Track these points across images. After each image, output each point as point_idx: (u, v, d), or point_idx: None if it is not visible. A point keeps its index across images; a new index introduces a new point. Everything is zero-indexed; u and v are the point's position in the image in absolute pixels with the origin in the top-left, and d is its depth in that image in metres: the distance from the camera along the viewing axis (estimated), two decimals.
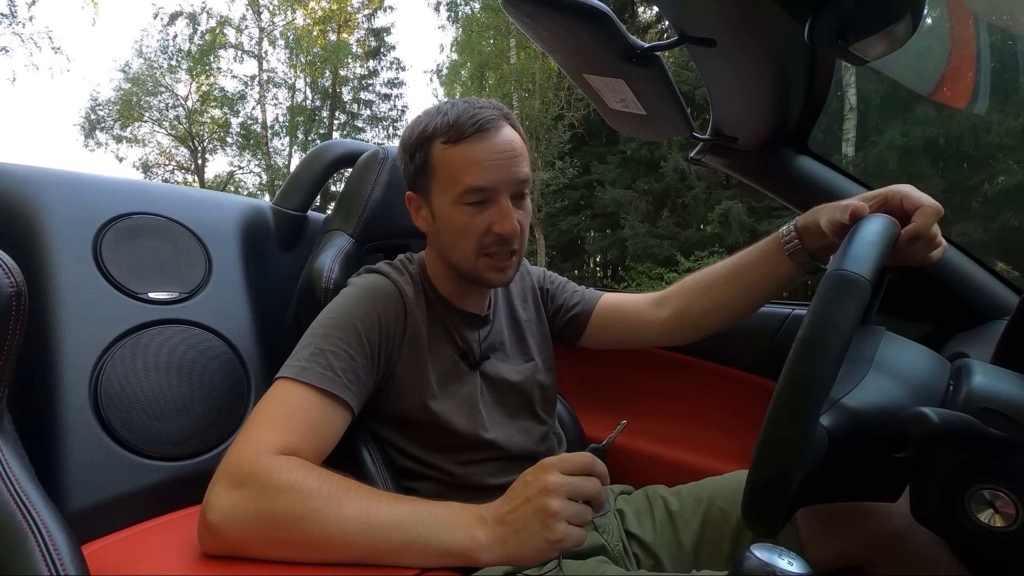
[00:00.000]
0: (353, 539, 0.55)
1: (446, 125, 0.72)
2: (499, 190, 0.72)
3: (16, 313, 0.56)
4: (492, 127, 0.71)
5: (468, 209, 0.73)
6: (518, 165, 0.73)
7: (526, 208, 0.77)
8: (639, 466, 1.21)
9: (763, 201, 11.05)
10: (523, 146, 0.75)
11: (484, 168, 0.71)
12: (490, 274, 0.76)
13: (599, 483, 0.57)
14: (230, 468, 0.58)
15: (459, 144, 0.71)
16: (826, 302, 0.46)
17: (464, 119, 0.71)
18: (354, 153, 1.12)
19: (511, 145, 0.73)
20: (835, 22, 0.50)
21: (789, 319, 1.13)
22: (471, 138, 0.71)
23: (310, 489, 0.55)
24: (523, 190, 0.75)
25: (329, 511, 0.55)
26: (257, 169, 20.59)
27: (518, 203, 0.75)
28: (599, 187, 13.62)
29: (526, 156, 0.75)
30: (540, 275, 0.98)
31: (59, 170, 0.87)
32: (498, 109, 0.74)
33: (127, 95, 18.62)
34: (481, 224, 0.73)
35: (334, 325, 0.71)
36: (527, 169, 0.75)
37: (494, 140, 0.71)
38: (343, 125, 20.56)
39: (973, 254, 0.93)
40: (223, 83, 19.77)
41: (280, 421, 0.62)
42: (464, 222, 0.73)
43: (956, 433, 0.45)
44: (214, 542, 0.56)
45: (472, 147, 0.71)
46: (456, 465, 0.78)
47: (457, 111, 0.72)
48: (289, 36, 19.29)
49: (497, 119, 0.72)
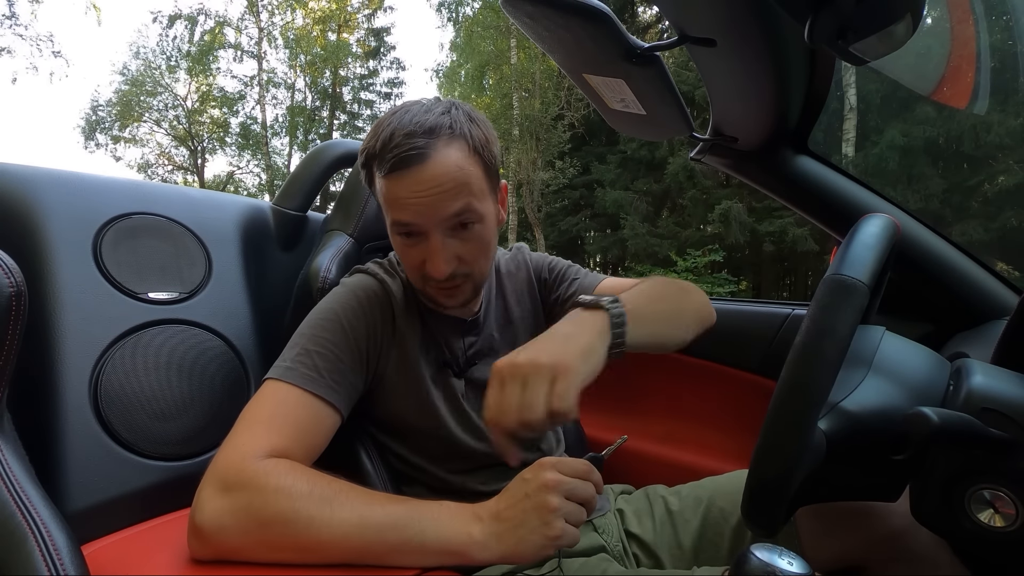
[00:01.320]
0: (347, 541, 0.54)
1: (374, 153, 0.67)
2: (424, 228, 0.67)
3: (16, 313, 0.56)
4: (414, 163, 0.64)
5: (403, 240, 0.70)
6: (448, 199, 0.65)
7: (474, 238, 0.70)
8: (639, 466, 1.21)
9: (763, 201, 11.06)
10: (463, 170, 0.66)
11: (404, 206, 0.66)
12: (441, 298, 0.74)
13: (594, 489, 0.57)
14: (218, 472, 0.57)
15: (384, 178, 0.67)
16: (824, 308, 0.46)
17: (387, 150, 0.65)
18: (354, 153, 1.12)
19: (436, 180, 0.64)
20: (835, 22, 0.50)
21: (789, 319, 1.13)
22: (390, 176, 0.65)
23: (301, 492, 0.55)
24: (460, 221, 0.67)
25: (321, 514, 0.54)
26: (257, 169, 20.62)
27: (460, 233, 0.69)
28: (599, 187, 13.63)
29: (467, 182, 0.66)
30: (539, 264, 0.92)
31: (59, 170, 0.87)
32: (433, 132, 0.65)
33: (126, 95, 18.63)
34: (415, 257, 0.70)
35: (321, 325, 0.71)
36: (463, 200, 0.66)
37: (413, 177, 0.64)
38: (343, 125, 20.56)
39: (973, 254, 0.94)
40: (222, 83, 19.81)
41: (267, 424, 0.62)
42: (401, 251, 0.72)
43: (956, 433, 0.45)
44: (204, 547, 0.55)
45: (392, 184, 0.66)
46: (448, 473, 0.77)
47: (388, 134, 0.65)
48: (289, 36, 19.29)
49: (424, 149, 0.64)
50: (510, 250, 0.95)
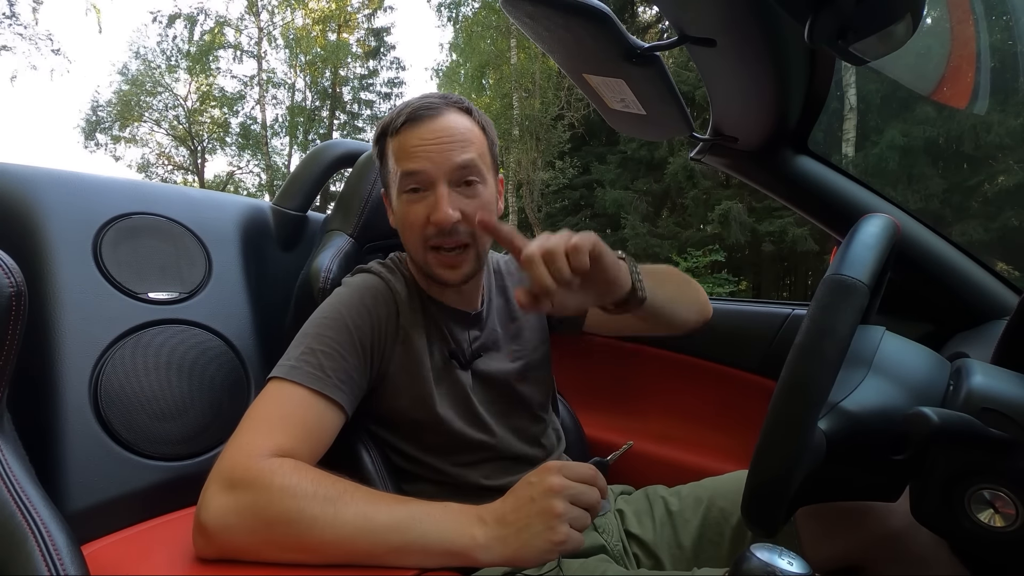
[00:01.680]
0: (351, 542, 0.54)
1: (392, 119, 0.74)
2: (433, 176, 0.71)
3: (16, 313, 0.56)
4: (428, 114, 0.72)
5: (408, 197, 0.73)
6: (455, 151, 0.71)
7: (477, 196, 0.74)
8: (639, 466, 1.21)
9: (763, 201, 11.06)
10: (470, 130, 0.74)
11: (414, 153, 0.72)
12: (439, 270, 0.75)
13: (599, 494, 0.57)
14: (224, 472, 0.58)
15: (398, 134, 0.73)
16: (824, 308, 0.46)
17: (402, 112, 0.73)
18: (354, 153, 1.12)
19: (448, 131, 0.72)
20: (835, 22, 0.50)
21: (789, 319, 1.13)
22: (405, 126, 0.73)
23: (305, 492, 0.55)
24: (465, 176, 0.73)
25: (325, 515, 0.54)
26: (257, 169, 20.61)
27: (464, 191, 0.73)
28: (599, 187, 13.62)
29: (474, 141, 0.74)
30: None
31: (59, 170, 0.87)
32: (446, 98, 0.75)
33: (126, 95, 18.63)
34: (421, 213, 0.73)
35: (325, 325, 0.71)
36: (470, 155, 0.72)
37: (428, 126, 0.72)
38: (343, 125, 20.56)
39: (973, 254, 0.94)
40: (222, 83, 19.79)
41: (272, 422, 0.62)
42: (405, 211, 0.74)
43: (956, 433, 0.45)
44: (208, 546, 0.55)
45: (406, 135, 0.73)
46: (452, 466, 0.77)
47: (405, 104, 0.75)
48: (289, 36, 19.29)
49: (438, 107, 0.73)
50: (506, 252, 0.95)
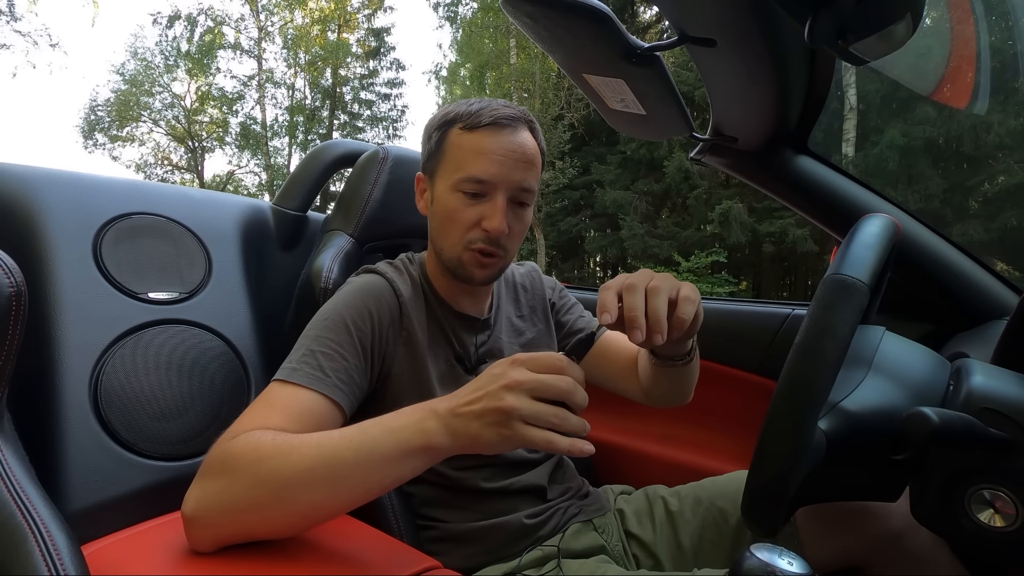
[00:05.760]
0: (311, 475, 0.53)
1: (468, 113, 0.74)
2: (497, 186, 0.72)
3: (16, 313, 0.56)
4: (509, 125, 0.73)
5: (463, 198, 0.73)
6: (524, 169, 0.73)
7: (523, 218, 0.76)
8: (639, 466, 1.21)
9: (763, 201, 11.06)
10: (536, 155, 0.76)
11: (488, 160, 0.72)
12: (472, 268, 0.75)
13: (571, 381, 0.51)
14: (202, 464, 0.58)
15: (473, 132, 0.73)
16: (824, 307, 0.46)
17: (486, 111, 0.73)
18: (354, 153, 1.12)
19: (522, 148, 0.73)
20: (835, 22, 0.50)
21: (789, 319, 1.13)
22: (485, 128, 0.73)
23: (262, 443, 0.55)
24: (523, 199, 0.75)
25: (283, 456, 0.54)
26: (256, 169, 20.61)
27: (515, 209, 0.75)
28: (599, 187, 13.63)
29: (536, 166, 0.76)
30: (552, 287, 0.96)
31: (59, 170, 0.87)
32: (525, 115, 0.76)
33: (124, 95, 18.62)
34: (471, 216, 0.73)
35: (326, 326, 0.70)
36: (532, 179, 0.75)
37: (507, 137, 0.73)
38: (343, 125, 20.56)
39: (973, 254, 0.94)
40: (222, 83, 19.81)
41: (264, 413, 0.62)
42: (455, 208, 0.74)
43: (956, 433, 0.45)
44: (194, 534, 0.55)
45: (483, 137, 0.72)
46: (452, 469, 0.77)
47: (483, 104, 0.75)
48: (288, 35, 19.29)
49: (518, 120, 0.74)
50: (521, 265, 0.98)
